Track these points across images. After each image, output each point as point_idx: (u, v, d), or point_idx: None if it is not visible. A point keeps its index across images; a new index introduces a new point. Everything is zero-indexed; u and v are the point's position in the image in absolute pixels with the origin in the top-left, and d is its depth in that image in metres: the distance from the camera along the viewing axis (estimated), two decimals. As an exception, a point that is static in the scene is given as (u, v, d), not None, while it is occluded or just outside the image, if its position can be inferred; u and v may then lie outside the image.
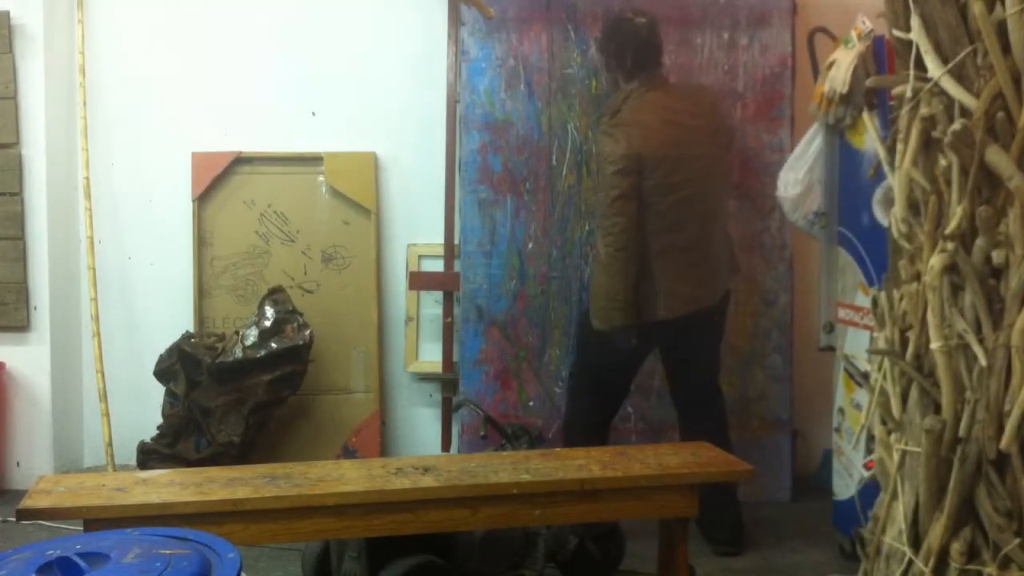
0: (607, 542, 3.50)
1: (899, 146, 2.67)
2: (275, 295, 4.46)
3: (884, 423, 2.76)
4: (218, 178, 4.69)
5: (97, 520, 2.63)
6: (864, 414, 3.38)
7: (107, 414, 4.49)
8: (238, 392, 4.26)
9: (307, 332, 4.38)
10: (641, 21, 3.89)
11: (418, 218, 4.75)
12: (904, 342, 2.68)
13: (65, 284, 4.68)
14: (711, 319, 3.88)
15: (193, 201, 4.69)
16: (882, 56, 3.39)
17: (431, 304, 4.75)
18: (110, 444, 4.47)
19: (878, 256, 3.31)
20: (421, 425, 4.81)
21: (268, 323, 4.35)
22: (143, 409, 4.54)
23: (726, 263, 3.92)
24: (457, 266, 4.56)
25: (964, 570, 2.43)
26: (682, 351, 3.94)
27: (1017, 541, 2.37)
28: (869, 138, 3.45)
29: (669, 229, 3.72)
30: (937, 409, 2.54)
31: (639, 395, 4.41)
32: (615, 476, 2.99)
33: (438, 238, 4.68)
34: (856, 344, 3.58)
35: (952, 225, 2.48)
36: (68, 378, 4.70)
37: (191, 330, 4.58)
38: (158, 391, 4.40)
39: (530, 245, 4.44)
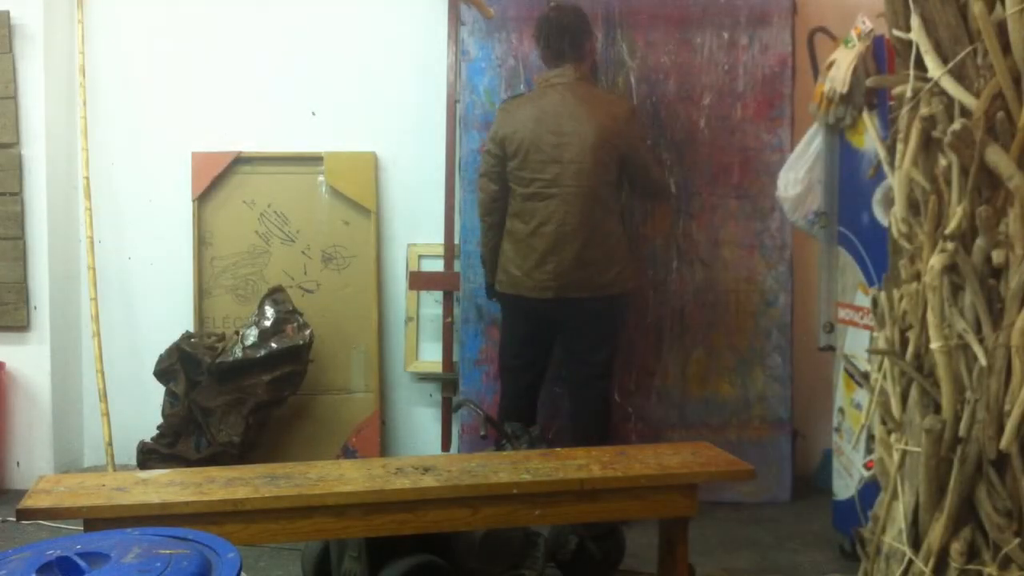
0: (607, 542, 3.50)
1: (899, 146, 2.67)
2: (275, 295, 4.46)
3: (884, 423, 2.76)
4: (218, 178, 4.69)
5: (97, 520, 2.63)
6: (864, 414, 3.38)
7: (107, 414, 4.49)
8: (238, 392, 4.26)
9: (307, 332, 4.38)
10: (552, 7, 4.06)
11: (418, 218, 4.75)
12: (904, 342, 2.68)
13: (65, 284, 4.68)
14: (564, 311, 3.93)
15: (193, 201, 4.69)
16: (882, 56, 3.39)
17: (431, 304, 4.75)
18: (110, 444, 4.47)
19: (878, 256, 3.31)
20: (421, 425, 4.81)
21: (268, 323, 4.35)
22: (143, 409, 4.54)
23: (603, 265, 3.91)
24: (457, 266, 4.56)
25: (964, 570, 2.43)
26: (556, 336, 4.06)
27: (1017, 541, 2.37)
28: (869, 138, 3.45)
29: (517, 216, 3.98)
30: (937, 409, 2.54)
31: (639, 395, 4.41)
32: (615, 476, 2.99)
33: (438, 238, 4.68)
34: (856, 344, 3.59)
35: (952, 225, 2.48)
36: (68, 378, 4.70)
37: (191, 330, 4.58)
38: (158, 391, 4.41)
39: (530, 245, 4.44)
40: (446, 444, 4.69)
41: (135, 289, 4.78)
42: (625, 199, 4.22)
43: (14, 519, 2.81)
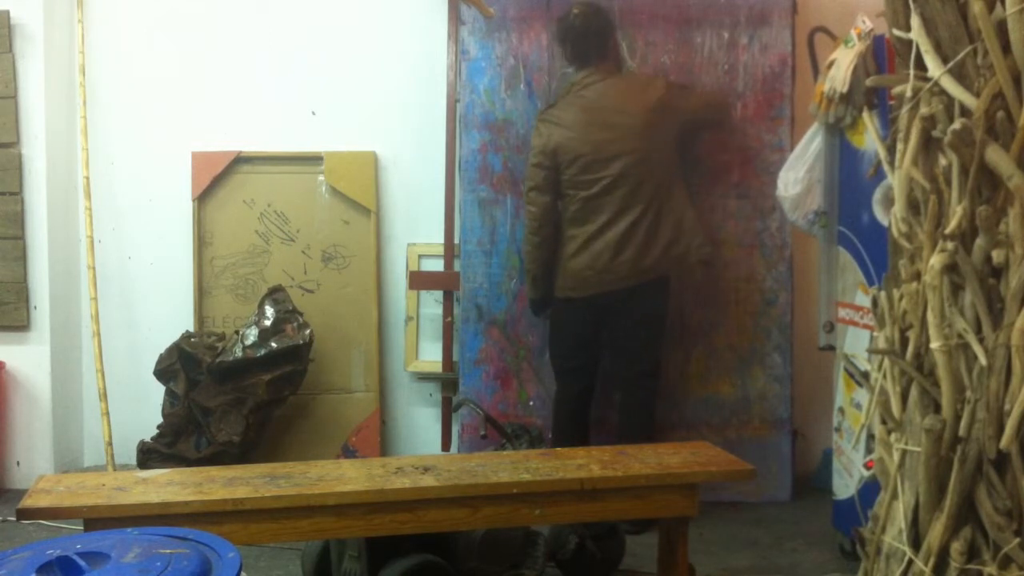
0: (607, 542, 3.50)
1: (899, 146, 2.67)
2: (275, 294, 4.46)
3: (884, 423, 2.76)
4: (218, 178, 4.69)
5: (97, 520, 2.64)
6: (864, 413, 3.38)
7: (107, 414, 4.49)
8: (238, 392, 4.26)
9: (307, 331, 4.38)
10: (575, 12, 4.08)
11: (418, 218, 4.75)
12: (904, 341, 2.68)
13: (65, 284, 4.68)
14: (627, 301, 4.03)
15: (193, 201, 4.69)
16: (882, 55, 3.39)
17: (431, 303, 4.75)
18: (110, 444, 4.47)
19: (878, 255, 3.31)
20: (421, 425, 4.81)
21: (268, 322, 4.35)
22: (143, 409, 4.55)
23: (652, 251, 4.01)
24: (457, 265, 4.57)
25: (964, 570, 2.43)
26: (608, 332, 4.13)
27: (1017, 541, 2.37)
28: (869, 137, 3.44)
29: (575, 221, 4.03)
30: (937, 409, 2.54)
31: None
32: (615, 476, 2.99)
33: (438, 238, 4.68)
34: (856, 343, 3.58)
35: (952, 225, 2.48)
36: (68, 378, 4.70)
37: (191, 329, 4.58)
38: (158, 391, 4.41)
39: (530, 245, 4.44)
40: (446, 444, 4.69)
41: (135, 289, 4.78)
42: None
43: (14, 519, 2.82)
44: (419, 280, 4.71)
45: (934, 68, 2.50)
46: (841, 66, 3.51)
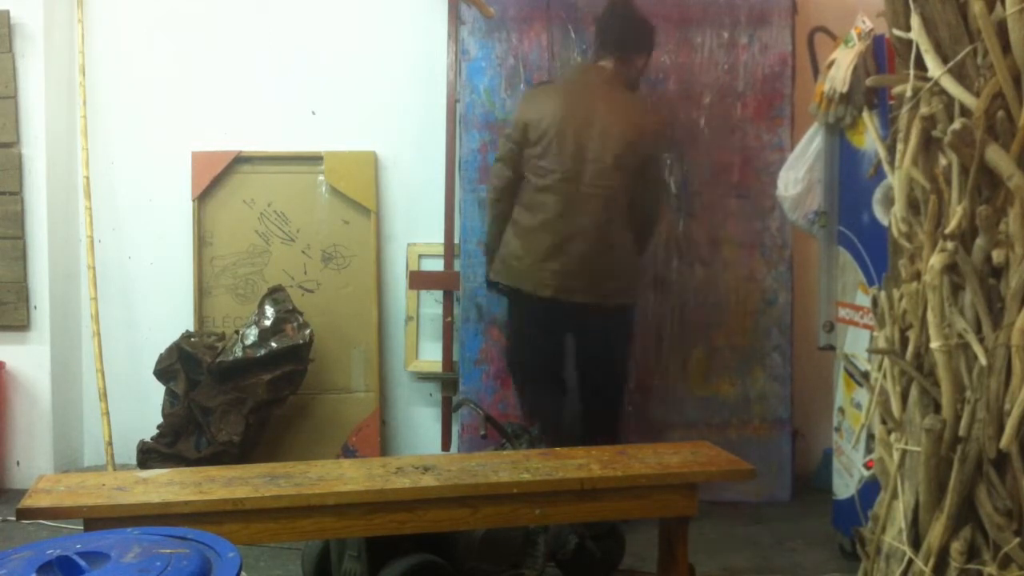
0: (607, 541, 3.50)
1: (899, 145, 2.67)
2: (275, 294, 4.46)
3: (884, 422, 2.76)
4: (218, 177, 4.69)
5: (97, 519, 2.64)
6: (864, 413, 3.38)
7: (107, 413, 4.49)
8: (238, 391, 4.26)
9: (307, 331, 4.38)
10: (622, 5, 4.00)
11: (418, 217, 4.75)
12: (904, 341, 2.68)
13: (65, 284, 4.68)
14: (592, 319, 3.90)
15: (193, 200, 4.69)
16: (882, 55, 3.39)
17: (431, 303, 4.75)
18: (110, 443, 4.47)
19: (878, 255, 3.31)
20: (421, 425, 4.81)
21: (268, 322, 4.35)
22: (143, 409, 4.55)
23: (608, 273, 3.87)
24: (457, 265, 4.57)
25: (964, 569, 2.43)
26: (575, 340, 4.04)
27: (1017, 540, 2.37)
28: (869, 137, 3.45)
29: (526, 207, 3.89)
30: (937, 408, 2.54)
31: (639, 395, 4.41)
32: (615, 476, 3.00)
33: (438, 237, 4.68)
34: (856, 343, 3.59)
35: (952, 224, 2.48)
36: (68, 378, 4.70)
37: (191, 329, 4.59)
38: (158, 390, 4.41)
39: (530, 244, 4.43)
40: (446, 444, 4.69)
41: (135, 289, 4.78)
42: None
43: (14, 519, 2.82)
44: (419, 280, 4.71)
45: (934, 68, 2.50)
46: (841, 66, 3.51)
